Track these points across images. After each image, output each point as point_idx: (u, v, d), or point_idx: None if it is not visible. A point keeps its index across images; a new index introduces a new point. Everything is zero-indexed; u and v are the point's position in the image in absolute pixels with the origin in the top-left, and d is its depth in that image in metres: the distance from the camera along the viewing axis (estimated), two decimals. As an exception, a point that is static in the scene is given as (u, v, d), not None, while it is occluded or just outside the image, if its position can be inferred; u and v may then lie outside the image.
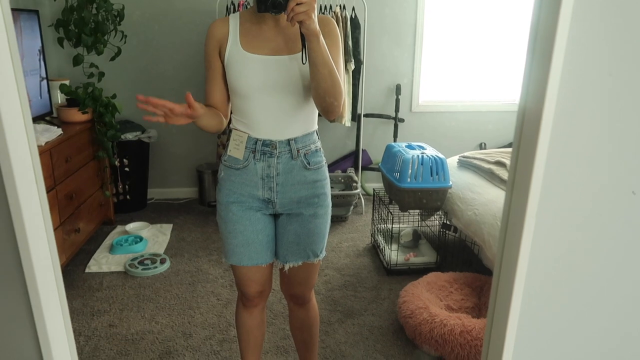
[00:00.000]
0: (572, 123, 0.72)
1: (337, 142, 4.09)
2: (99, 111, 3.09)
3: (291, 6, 1.22)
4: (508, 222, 0.77)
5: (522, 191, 0.71)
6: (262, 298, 1.66)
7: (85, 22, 3.11)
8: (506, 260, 0.77)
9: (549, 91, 0.66)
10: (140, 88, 3.79)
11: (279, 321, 2.38)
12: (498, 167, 2.73)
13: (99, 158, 3.21)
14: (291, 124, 1.45)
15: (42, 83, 3.03)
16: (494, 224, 2.36)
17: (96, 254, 3.03)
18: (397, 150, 2.83)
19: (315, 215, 1.52)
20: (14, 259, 0.79)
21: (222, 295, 2.60)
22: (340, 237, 3.36)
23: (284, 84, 1.39)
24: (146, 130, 3.68)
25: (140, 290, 2.65)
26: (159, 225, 3.47)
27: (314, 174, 1.50)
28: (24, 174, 0.70)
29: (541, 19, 0.67)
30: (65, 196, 2.70)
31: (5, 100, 0.63)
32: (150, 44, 3.70)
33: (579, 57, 0.70)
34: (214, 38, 1.43)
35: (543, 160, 0.69)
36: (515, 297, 0.75)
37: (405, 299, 2.29)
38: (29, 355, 0.87)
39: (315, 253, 1.56)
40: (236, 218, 1.50)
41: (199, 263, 2.96)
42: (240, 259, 1.53)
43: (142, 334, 2.27)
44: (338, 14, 3.43)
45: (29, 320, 0.84)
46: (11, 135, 0.66)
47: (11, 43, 0.60)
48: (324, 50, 1.30)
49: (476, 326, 2.05)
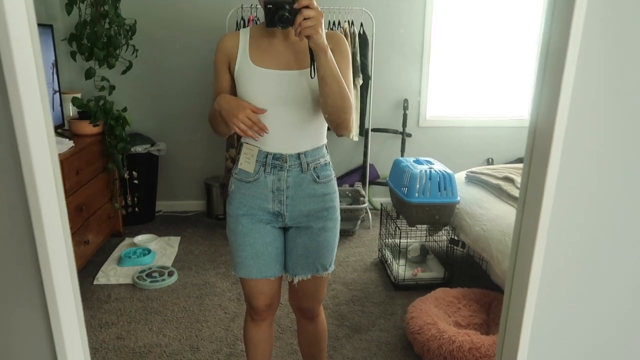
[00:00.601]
0: (583, 141, 0.73)
1: (345, 156, 4.10)
2: (110, 124, 3.13)
3: (298, 21, 1.24)
4: (519, 240, 0.77)
5: (533, 209, 0.72)
6: (270, 311, 1.66)
7: (98, 36, 3.17)
8: (518, 278, 0.78)
9: (560, 109, 0.67)
10: (150, 101, 3.84)
11: (286, 335, 2.37)
12: (506, 182, 2.73)
13: (108, 170, 3.24)
14: (301, 138, 1.46)
15: (55, 96, 3.08)
16: (502, 240, 2.36)
17: (104, 265, 3.04)
18: (405, 165, 2.83)
19: (325, 229, 1.53)
20: (34, 271, 0.81)
21: (230, 309, 2.60)
22: (347, 251, 3.36)
23: (294, 98, 1.41)
24: (155, 143, 3.71)
25: (148, 302, 2.65)
26: (167, 238, 3.48)
27: (323, 188, 1.51)
28: (46, 186, 0.71)
29: (552, 37, 0.68)
30: (75, 208, 2.72)
31: (30, 116, 0.65)
32: (161, 58, 3.75)
33: (589, 76, 0.71)
34: (223, 51, 1.45)
35: (554, 178, 0.70)
36: (527, 315, 0.75)
37: (413, 315, 2.28)
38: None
39: (324, 266, 1.56)
40: (246, 230, 1.51)
41: (207, 276, 2.96)
42: (250, 271, 1.54)
43: (149, 347, 2.27)
44: (346, 30, 3.47)
45: (46, 333, 0.85)
46: (35, 149, 0.67)
47: (37, 61, 0.62)
48: (333, 65, 1.32)
49: (485, 343, 2.03)
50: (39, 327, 0.85)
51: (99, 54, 3.21)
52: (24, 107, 0.64)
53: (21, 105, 0.64)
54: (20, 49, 0.64)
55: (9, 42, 0.63)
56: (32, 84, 0.66)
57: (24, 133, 0.65)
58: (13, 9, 0.63)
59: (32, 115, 0.66)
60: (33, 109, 0.66)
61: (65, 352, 0.85)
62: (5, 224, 0.78)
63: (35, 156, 0.67)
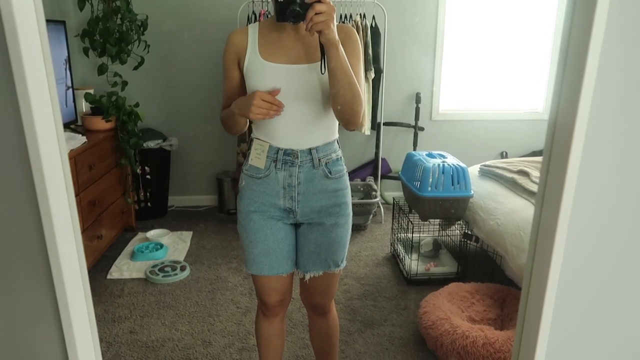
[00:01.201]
0: (605, 134, 0.70)
1: (357, 150, 4.08)
2: (122, 119, 3.15)
3: (310, 16, 1.22)
4: (538, 236, 0.75)
5: (553, 204, 0.70)
6: (282, 307, 1.66)
7: (110, 32, 3.17)
8: (536, 275, 0.76)
9: (582, 103, 0.65)
10: (162, 97, 3.85)
11: (298, 330, 2.37)
12: (521, 176, 2.69)
13: (121, 165, 3.25)
14: (312, 133, 1.44)
15: (68, 92, 3.10)
16: (517, 234, 2.32)
17: (117, 260, 3.06)
18: (417, 159, 2.81)
19: (337, 225, 1.52)
20: (43, 264, 0.80)
21: (242, 303, 2.61)
22: (359, 246, 3.34)
23: (304, 93, 1.39)
24: (167, 138, 3.73)
25: (160, 297, 2.67)
26: (179, 233, 3.50)
27: (335, 183, 1.50)
28: (55, 182, 0.71)
29: (573, 29, 0.66)
30: (88, 203, 2.74)
31: (39, 111, 0.64)
32: (173, 53, 3.76)
33: (612, 68, 0.68)
34: (232, 47, 1.44)
35: (576, 172, 0.67)
36: (546, 313, 0.73)
37: (426, 310, 2.26)
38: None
39: (336, 263, 1.55)
40: (257, 227, 1.50)
41: (219, 271, 2.97)
42: (261, 268, 1.53)
43: (162, 341, 2.28)
44: (358, 23, 3.43)
45: (56, 327, 0.85)
46: (44, 145, 0.67)
47: (46, 57, 0.61)
48: (343, 59, 1.30)
49: (499, 338, 2.01)
50: (49, 322, 0.85)
51: (111, 50, 3.22)
52: (32, 103, 0.63)
53: (29, 100, 0.63)
54: (28, 44, 0.63)
55: (17, 37, 0.62)
56: (41, 79, 0.65)
57: (32, 129, 0.65)
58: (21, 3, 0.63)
59: (40, 111, 0.65)
60: (41, 105, 0.65)
61: (75, 346, 0.85)
62: (15, 220, 0.78)
63: (44, 153, 0.66)
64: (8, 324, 0.85)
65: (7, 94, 0.67)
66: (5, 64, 0.65)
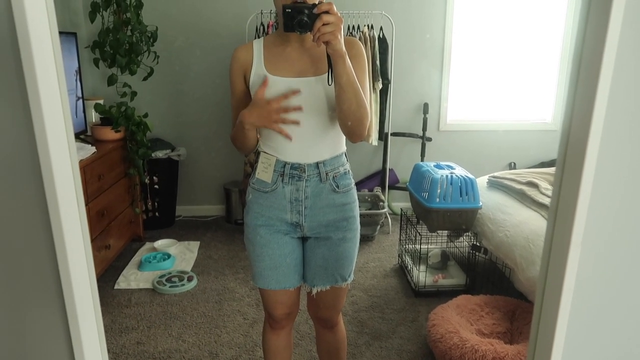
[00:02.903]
0: (619, 147, 0.69)
1: (364, 161, 4.07)
2: (131, 130, 3.17)
3: (317, 26, 1.22)
4: (551, 250, 0.74)
5: (566, 218, 0.69)
6: (289, 320, 1.65)
7: (120, 43, 3.21)
8: (549, 290, 0.74)
9: (595, 115, 0.64)
10: (171, 107, 3.88)
11: (305, 342, 2.35)
12: (530, 187, 2.67)
13: (129, 175, 3.27)
14: (319, 146, 1.43)
15: (78, 102, 3.12)
16: (526, 246, 2.30)
17: (125, 270, 3.07)
18: (425, 170, 2.79)
19: (344, 239, 1.50)
20: (53, 275, 0.80)
21: (249, 315, 2.59)
22: (367, 257, 3.33)
23: (311, 106, 1.38)
24: (176, 148, 3.74)
25: (167, 307, 2.66)
26: (186, 243, 3.50)
27: (342, 197, 1.49)
28: (66, 192, 0.71)
29: (587, 39, 0.65)
30: (97, 213, 2.75)
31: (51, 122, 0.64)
32: (182, 64, 3.79)
33: (627, 79, 0.67)
34: (237, 63, 1.43)
35: (589, 186, 0.66)
36: (560, 330, 0.72)
37: (434, 322, 2.24)
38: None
39: (343, 277, 1.54)
40: (264, 241, 1.49)
41: (226, 281, 2.96)
42: (268, 282, 1.52)
43: (169, 353, 2.27)
44: (366, 34, 3.45)
45: (64, 336, 0.85)
46: (55, 155, 0.67)
47: (58, 69, 0.61)
48: (350, 71, 1.30)
49: (509, 352, 1.98)
50: (58, 332, 0.85)
51: (121, 61, 3.25)
52: (45, 114, 0.64)
53: (42, 111, 0.64)
54: (41, 56, 0.64)
55: (30, 49, 0.62)
56: (53, 90, 0.65)
57: (44, 139, 0.65)
58: (35, 16, 0.63)
59: (52, 122, 0.66)
60: (53, 116, 0.65)
61: (83, 357, 0.85)
62: (25, 229, 0.78)
63: (55, 163, 0.67)
64: (16, 333, 0.85)
65: (20, 104, 0.68)
66: (19, 76, 0.65)
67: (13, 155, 0.72)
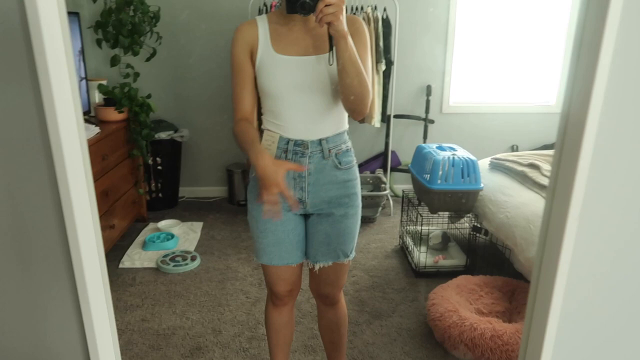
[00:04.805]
0: (617, 128, 0.71)
1: (366, 142, 4.08)
2: (134, 110, 3.17)
3: (320, 7, 1.22)
4: (548, 229, 0.76)
5: (564, 198, 0.70)
6: (291, 297, 1.68)
7: (123, 23, 3.19)
8: (545, 268, 0.76)
9: (594, 96, 0.65)
10: (174, 88, 3.87)
11: (307, 320, 2.39)
12: (531, 169, 2.68)
13: (133, 156, 3.29)
14: (322, 124, 1.45)
15: (81, 83, 3.13)
16: (527, 227, 2.32)
17: (129, 249, 3.11)
18: (427, 152, 2.80)
19: (346, 216, 1.53)
20: (64, 253, 0.83)
21: (251, 293, 2.63)
22: (368, 238, 3.36)
23: (314, 84, 1.40)
24: (179, 130, 3.75)
25: (171, 286, 2.71)
26: (189, 223, 3.53)
27: (345, 174, 1.51)
28: (76, 170, 0.73)
29: (587, 21, 0.66)
30: (101, 193, 2.78)
31: (61, 102, 0.66)
32: (184, 45, 3.77)
33: (626, 61, 0.68)
34: (243, 42, 1.42)
35: (587, 166, 0.68)
36: (555, 306, 0.74)
37: (434, 302, 2.28)
38: (74, 349, 0.91)
39: (345, 253, 1.56)
40: (267, 218, 1.51)
41: (228, 261, 3.00)
42: (271, 258, 1.55)
43: (173, 329, 2.32)
44: (369, 15, 3.42)
45: (75, 314, 0.88)
46: (65, 134, 0.69)
47: (67, 49, 0.63)
48: (352, 51, 1.30)
49: (507, 331, 2.02)
50: (69, 309, 0.87)
51: (123, 42, 3.24)
52: (54, 93, 0.65)
53: (52, 91, 0.65)
54: (50, 36, 0.65)
55: (40, 29, 0.64)
56: (62, 70, 0.67)
57: (54, 119, 0.67)
58: None
59: (62, 101, 0.67)
60: (63, 95, 0.67)
61: (94, 334, 0.88)
62: (36, 208, 0.80)
63: (65, 141, 0.68)
64: (29, 311, 0.88)
65: (29, 85, 0.69)
66: (29, 57, 0.66)
67: (24, 135, 0.74)
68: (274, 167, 1.31)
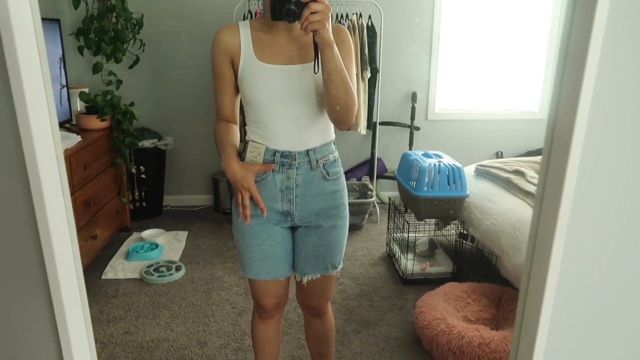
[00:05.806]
0: (605, 135, 0.70)
1: (352, 150, 4.08)
2: (117, 118, 3.13)
3: (305, 15, 1.20)
4: (537, 237, 0.75)
5: (552, 206, 0.70)
6: (278, 309, 1.65)
7: (105, 30, 3.15)
8: (535, 276, 0.75)
9: (581, 103, 0.64)
10: (157, 96, 3.83)
11: (293, 330, 2.36)
12: (516, 176, 2.70)
13: (116, 165, 3.24)
14: (309, 134, 1.43)
15: (62, 91, 3.07)
16: (513, 234, 2.33)
17: (112, 260, 3.05)
18: (413, 159, 2.81)
19: (335, 227, 1.51)
20: (38, 265, 0.80)
21: (237, 304, 2.60)
22: (355, 245, 3.34)
23: (299, 94, 1.37)
24: (163, 138, 3.71)
25: (155, 297, 2.66)
26: (174, 232, 3.48)
27: (332, 185, 1.49)
28: (51, 181, 0.70)
29: (573, 28, 0.65)
30: (83, 203, 2.72)
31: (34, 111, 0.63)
32: (168, 52, 3.74)
33: (613, 68, 0.68)
34: (223, 47, 1.39)
35: (575, 174, 0.67)
36: (544, 314, 0.73)
37: (422, 310, 2.26)
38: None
39: (333, 265, 1.54)
40: (254, 231, 1.47)
41: (214, 271, 2.96)
42: (258, 272, 1.51)
43: (157, 342, 2.27)
44: (355, 22, 3.43)
45: (51, 328, 0.84)
46: (39, 143, 0.66)
47: (41, 55, 0.60)
48: (338, 59, 1.29)
49: (495, 338, 2.01)
50: (44, 323, 0.84)
51: (106, 49, 3.20)
52: (28, 102, 0.63)
53: (25, 100, 0.62)
54: (24, 43, 0.63)
55: (12, 35, 0.61)
56: (37, 78, 0.64)
57: (27, 128, 0.64)
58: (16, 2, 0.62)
59: (36, 111, 0.64)
60: (37, 104, 0.64)
61: (70, 348, 0.84)
62: (10, 220, 0.77)
63: (39, 152, 0.66)
64: (3, 324, 0.84)
65: (2, 93, 0.66)
66: (1, 64, 0.64)
67: (-4, 144, 0.71)
68: (242, 171, 1.37)
